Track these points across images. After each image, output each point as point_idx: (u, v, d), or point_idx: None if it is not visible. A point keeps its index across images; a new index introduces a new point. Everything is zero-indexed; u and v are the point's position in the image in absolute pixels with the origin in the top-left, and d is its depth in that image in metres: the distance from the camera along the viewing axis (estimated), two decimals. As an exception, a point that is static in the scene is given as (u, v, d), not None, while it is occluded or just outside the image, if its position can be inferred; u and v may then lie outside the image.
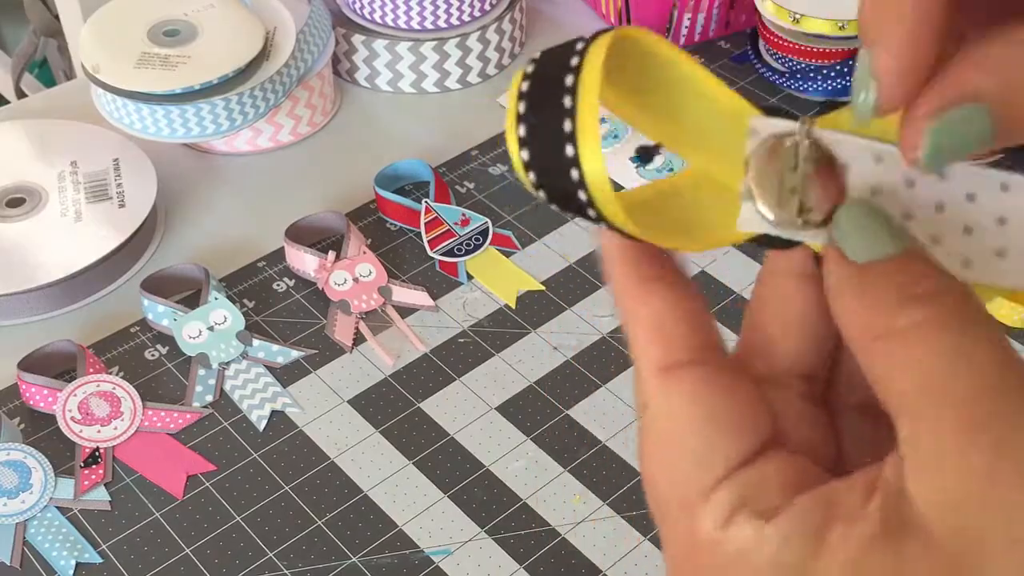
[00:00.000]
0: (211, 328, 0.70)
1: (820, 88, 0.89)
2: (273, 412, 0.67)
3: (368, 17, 0.90)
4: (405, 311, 0.73)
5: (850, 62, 0.87)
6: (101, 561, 0.60)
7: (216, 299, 0.71)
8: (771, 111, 0.26)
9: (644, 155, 0.30)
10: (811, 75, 0.88)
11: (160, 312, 0.70)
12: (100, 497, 0.63)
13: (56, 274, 0.72)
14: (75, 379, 0.67)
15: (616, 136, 0.85)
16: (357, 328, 0.72)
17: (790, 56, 0.89)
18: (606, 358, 0.70)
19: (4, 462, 0.63)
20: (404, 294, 0.73)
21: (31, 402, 0.66)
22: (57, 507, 0.62)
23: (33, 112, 0.88)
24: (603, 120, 0.88)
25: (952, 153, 0.24)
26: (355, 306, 0.72)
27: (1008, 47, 0.24)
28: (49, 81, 1.53)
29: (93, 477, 0.63)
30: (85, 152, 0.79)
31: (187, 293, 0.73)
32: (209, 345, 0.69)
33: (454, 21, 0.90)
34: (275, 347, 0.70)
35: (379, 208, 0.79)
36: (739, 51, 0.96)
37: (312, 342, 0.71)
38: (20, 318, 0.72)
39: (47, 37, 1.43)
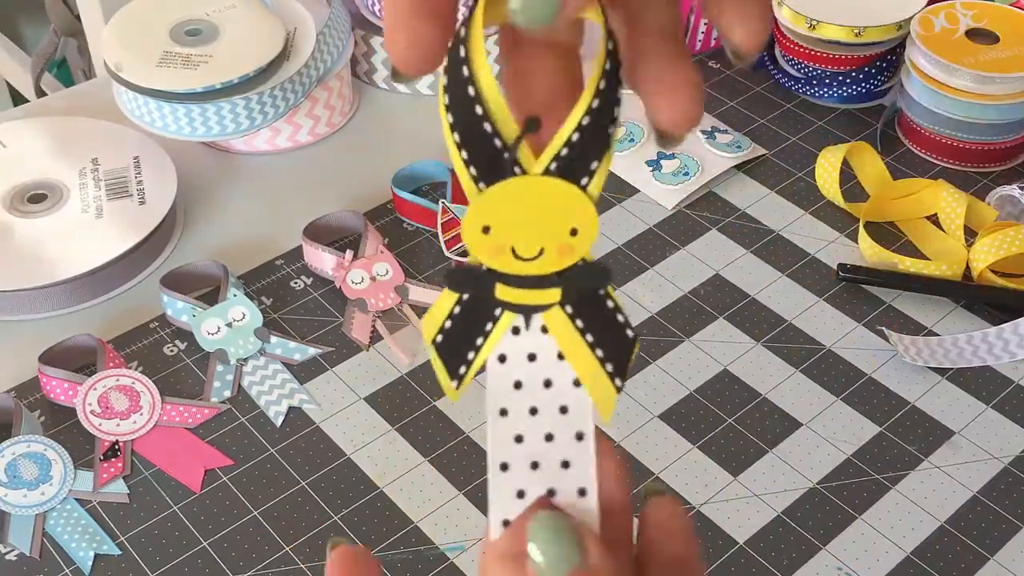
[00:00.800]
0: (229, 324, 0.71)
1: (835, 94, 0.89)
2: (290, 408, 0.67)
3: (387, 19, 0.91)
4: (421, 310, 0.73)
5: (866, 68, 0.88)
6: (119, 553, 0.61)
7: (235, 296, 0.72)
8: None
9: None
10: (827, 81, 0.89)
11: (179, 308, 0.71)
12: (119, 490, 0.63)
13: (76, 270, 0.72)
14: (95, 373, 0.67)
15: (632, 140, 0.85)
16: (374, 326, 0.72)
17: (806, 62, 0.89)
18: (621, 359, 0.70)
19: (25, 454, 0.64)
20: (421, 293, 0.74)
21: (51, 395, 0.67)
22: (76, 499, 0.63)
23: (54, 110, 0.89)
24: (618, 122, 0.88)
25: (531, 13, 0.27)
26: (372, 305, 0.73)
27: None
28: (68, 81, 1.54)
29: (112, 470, 0.64)
30: (106, 150, 0.80)
31: (206, 290, 0.74)
32: (227, 341, 0.70)
33: (472, 24, 0.90)
34: (292, 344, 0.71)
35: (396, 208, 0.80)
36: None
37: (329, 340, 0.71)
38: (40, 313, 0.73)
39: (67, 37, 1.44)
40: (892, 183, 0.82)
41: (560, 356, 0.30)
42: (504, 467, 0.31)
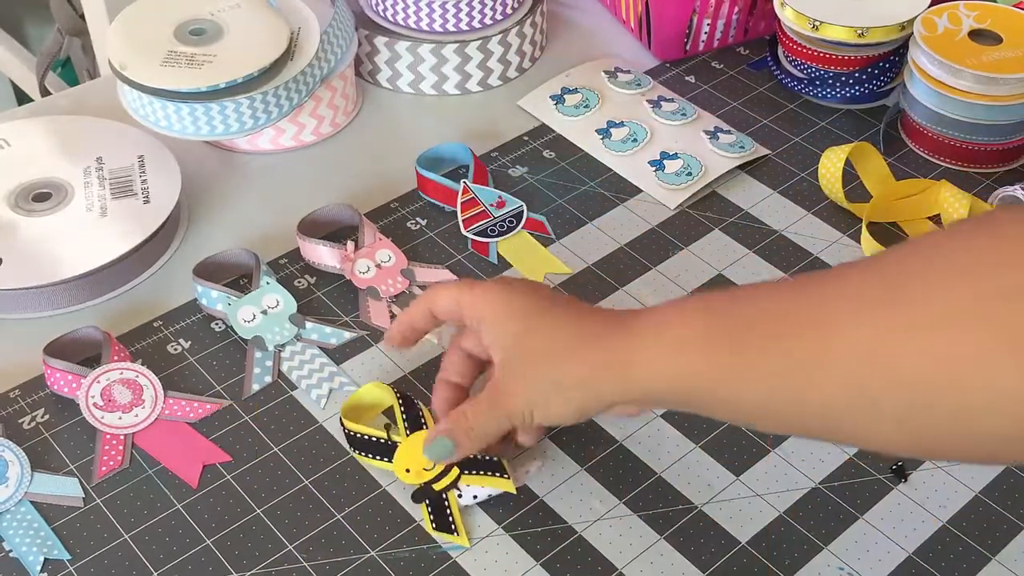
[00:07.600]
0: (264, 312, 0.71)
1: (838, 95, 0.89)
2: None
3: (391, 19, 0.91)
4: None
5: (869, 69, 0.88)
6: (69, 557, 0.60)
7: (267, 283, 0.73)
8: None
9: None
10: (829, 82, 0.89)
11: (214, 297, 0.72)
12: (73, 492, 0.63)
13: (80, 269, 0.73)
14: (99, 366, 0.68)
15: (635, 140, 0.85)
16: (391, 312, 0.73)
17: (809, 63, 0.89)
18: (623, 359, 0.70)
19: (-18, 455, 0.63)
20: (427, 273, 0.75)
21: (55, 387, 0.67)
22: (31, 502, 0.62)
23: (59, 109, 0.89)
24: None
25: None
26: (383, 291, 0.74)
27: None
28: (72, 80, 1.55)
29: (111, 463, 0.64)
30: (111, 149, 0.80)
31: (230, 279, 0.75)
32: (263, 328, 0.71)
33: (476, 24, 0.91)
34: (328, 329, 0.71)
35: (419, 187, 0.81)
36: (758, 57, 0.96)
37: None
38: (44, 311, 0.73)
39: (72, 36, 1.44)
40: (895, 184, 0.82)
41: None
42: None
